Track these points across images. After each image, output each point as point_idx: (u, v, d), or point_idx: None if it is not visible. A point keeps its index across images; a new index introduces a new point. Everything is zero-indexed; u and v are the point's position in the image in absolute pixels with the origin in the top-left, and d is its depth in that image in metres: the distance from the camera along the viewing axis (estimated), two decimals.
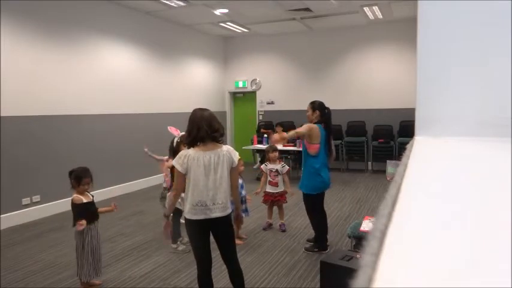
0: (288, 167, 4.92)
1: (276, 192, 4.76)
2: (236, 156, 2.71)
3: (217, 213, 2.61)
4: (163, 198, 4.49)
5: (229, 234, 2.78)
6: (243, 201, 4.27)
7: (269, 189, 4.79)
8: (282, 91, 9.74)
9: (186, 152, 2.59)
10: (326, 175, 3.94)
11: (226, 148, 2.69)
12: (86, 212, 3.21)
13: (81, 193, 3.25)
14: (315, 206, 4.03)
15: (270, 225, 4.91)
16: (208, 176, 2.56)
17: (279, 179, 4.76)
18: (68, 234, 4.40)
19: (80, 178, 3.22)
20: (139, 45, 7.43)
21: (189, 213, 2.60)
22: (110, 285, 3.43)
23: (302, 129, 3.88)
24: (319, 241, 4.10)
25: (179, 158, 2.59)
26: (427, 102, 0.89)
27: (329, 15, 7.89)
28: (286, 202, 4.91)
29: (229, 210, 2.70)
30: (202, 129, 2.57)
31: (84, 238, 3.18)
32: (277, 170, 4.76)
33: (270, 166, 4.79)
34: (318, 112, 3.93)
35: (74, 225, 3.20)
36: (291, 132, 3.95)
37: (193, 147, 2.60)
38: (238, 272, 2.82)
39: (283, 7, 7.22)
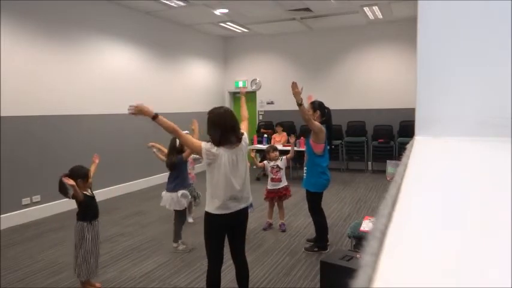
0: (284, 156, 4.94)
1: (279, 188, 4.80)
2: (247, 139, 2.84)
3: (244, 204, 2.75)
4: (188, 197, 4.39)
5: (245, 225, 2.91)
6: None
7: (271, 186, 4.82)
8: (282, 91, 9.70)
9: (216, 150, 2.62)
10: (329, 173, 4.07)
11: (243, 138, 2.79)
12: (89, 205, 3.22)
13: (85, 189, 3.24)
14: (318, 204, 4.08)
15: (270, 225, 4.91)
16: (237, 171, 2.67)
17: (281, 173, 4.81)
18: (68, 234, 4.40)
19: (85, 174, 3.22)
20: (139, 45, 7.43)
21: (218, 209, 2.64)
22: (109, 285, 3.43)
23: (317, 124, 3.77)
24: (320, 240, 4.11)
25: (209, 152, 2.62)
26: (427, 102, 0.89)
27: (329, 15, 7.89)
28: (291, 196, 4.92)
29: (251, 199, 2.87)
30: (229, 130, 2.66)
31: (84, 236, 3.17)
32: (277, 166, 4.81)
33: (271, 163, 4.85)
34: (318, 112, 3.93)
35: (79, 218, 3.21)
36: (308, 113, 3.71)
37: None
38: (244, 263, 2.92)
39: (283, 7, 7.22)
